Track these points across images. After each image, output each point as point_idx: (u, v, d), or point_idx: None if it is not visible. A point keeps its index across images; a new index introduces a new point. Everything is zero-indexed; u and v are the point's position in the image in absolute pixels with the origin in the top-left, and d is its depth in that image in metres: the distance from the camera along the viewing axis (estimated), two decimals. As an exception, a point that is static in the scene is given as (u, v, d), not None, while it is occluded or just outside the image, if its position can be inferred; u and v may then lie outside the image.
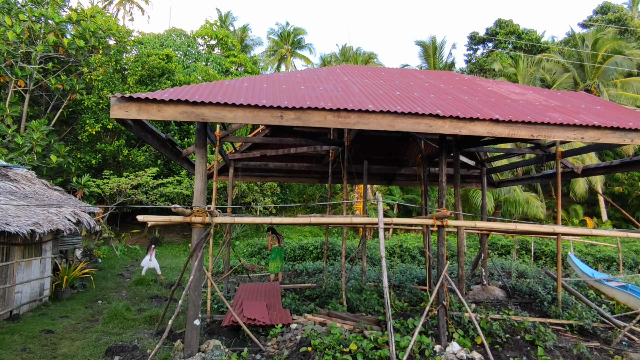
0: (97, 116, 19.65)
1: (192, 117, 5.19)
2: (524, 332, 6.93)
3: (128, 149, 20.41)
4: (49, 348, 6.12)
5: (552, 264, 19.00)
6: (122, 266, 15.33)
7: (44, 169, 18.76)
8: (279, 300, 8.55)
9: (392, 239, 22.24)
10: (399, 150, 12.24)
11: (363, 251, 11.74)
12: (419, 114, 5.42)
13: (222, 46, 36.27)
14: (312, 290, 10.30)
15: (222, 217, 5.96)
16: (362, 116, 5.37)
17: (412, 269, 14.90)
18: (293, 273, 14.55)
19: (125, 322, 7.40)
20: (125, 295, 10.26)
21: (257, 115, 5.25)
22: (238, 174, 12.29)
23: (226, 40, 35.20)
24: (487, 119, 5.50)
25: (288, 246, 17.90)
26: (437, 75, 9.38)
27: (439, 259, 6.44)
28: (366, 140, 11.67)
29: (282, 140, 9.28)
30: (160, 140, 7.25)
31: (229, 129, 9.08)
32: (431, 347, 6.04)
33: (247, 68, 33.41)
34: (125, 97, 5.12)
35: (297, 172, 12.68)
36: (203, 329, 7.28)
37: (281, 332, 6.68)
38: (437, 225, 6.27)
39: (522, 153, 9.94)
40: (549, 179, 10.68)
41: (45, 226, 7.99)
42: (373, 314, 7.97)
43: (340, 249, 17.25)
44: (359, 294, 9.18)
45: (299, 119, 5.31)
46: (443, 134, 6.22)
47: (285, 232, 25.92)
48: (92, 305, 9.14)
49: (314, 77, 7.49)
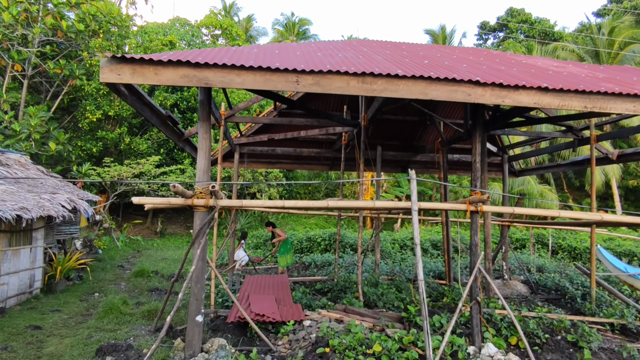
0: (97, 103, 18.96)
1: (194, 81, 4.47)
2: (564, 332, 6.20)
3: (130, 136, 19.76)
4: (34, 346, 5.46)
5: (570, 258, 18.24)
6: (122, 257, 14.72)
7: (43, 157, 18.12)
8: (288, 294, 7.87)
9: (402, 231, 21.51)
10: (414, 135, 11.49)
11: (376, 243, 11.01)
12: (457, 79, 4.68)
13: (227, 36, 35.64)
14: (323, 284, 9.61)
15: (227, 200, 5.26)
16: (390, 82, 4.63)
17: (425, 262, 14.18)
18: (301, 265, 13.87)
19: (122, 317, 6.74)
20: (124, 288, 9.62)
21: (269, 80, 4.52)
22: (244, 160, 11.58)
23: (231, 30, 34.50)
24: (534, 87, 4.75)
25: (294, 238, 17.23)
26: (463, 50, 8.61)
27: (471, 249, 5.71)
28: (380, 124, 10.93)
29: (292, 121, 8.55)
30: (160, 117, 6.54)
31: (235, 107, 8.36)
32: (464, 348, 5.33)
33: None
34: (117, 57, 4.41)
35: (306, 158, 11.96)
36: (207, 325, 6.61)
37: (293, 330, 6.00)
38: (471, 210, 5.54)
39: (553, 137, 9.16)
40: (578, 166, 9.90)
41: (35, 212, 7.32)
42: (393, 310, 7.27)
43: (349, 241, 16.56)
44: (375, 288, 8.48)
45: (317, 85, 4.57)
46: (481, 104, 5.46)
47: (291, 224, 25.26)
48: (88, 298, 8.49)
49: (330, 47, 6.74)
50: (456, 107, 10.62)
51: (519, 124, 8.04)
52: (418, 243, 4.54)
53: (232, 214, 10.62)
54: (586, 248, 18.35)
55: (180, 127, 7.77)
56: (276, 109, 9.93)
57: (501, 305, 7.90)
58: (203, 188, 5.17)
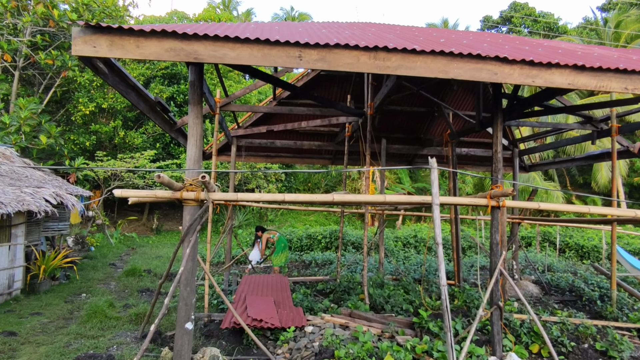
0: (90, 95, 18.33)
1: (181, 55, 3.89)
2: (591, 340, 5.65)
3: (125, 130, 19.14)
4: (5, 356, 4.89)
5: (578, 256, 17.71)
6: (115, 255, 14.14)
7: (34, 151, 17.51)
8: (288, 295, 7.31)
9: (403, 229, 20.96)
10: (421, 128, 10.91)
11: (381, 240, 10.46)
12: (481, 56, 4.10)
13: None
14: (325, 284, 9.06)
15: (221, 194, 4.69)
16: (406, 58, 4.06)
17: (430, 260, 13.64)
18: (301, 264, 13.32)
19: (106, 322, 6.17)
20: (114, 288, 9.06)
21: (268, 55, 3.94)
22: (241, 154, 11.00)
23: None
24: (569, 65, 4.18)
25: (294, 235, 16.66)
26: (478, 34, 8.04)
27: (492, 248, 5.15)
28: (385, 115, 10.36)
29: (292, 110, 7.97)
30: (149, 102, 5.96)
31: (232, 95, 7.77)
32: (485, 359, 4.78)
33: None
34: (92, 26, 3.84)
35: (306, 152, 11.39)
36: (199, 330, 6.06)
37: (294, 337, 5.44)
38: (492, 206, 4.98)
39: (571, 129, 8.59)
40: (595, 161, 9.32)
41: (12, 206, 6.74)
42: (402, 314, 6.72)
43: (351, 238, 16.00)
44: (381, 289, 7.93)
45: (323, 60, 3.99)
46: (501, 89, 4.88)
47: (290, 221, 24.71)
48: (74, 299, 7.93)
49: (335, 25, 6.15)
50: (467, 96, 10.05)
51: (537, 113, 7.49)
52: (440, 242, 3.98)
53: (228, 210, 10.06)
54: (594, 246, 17.83)
55: (172, 116, 7.20)
56: (275, 99, 9.34)
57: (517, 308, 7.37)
58: (193, 180, 4.59)
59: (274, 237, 10.42)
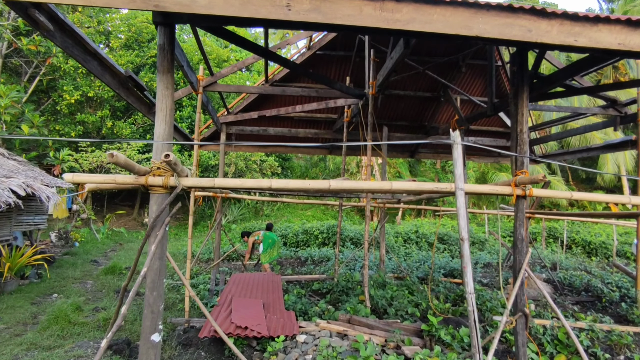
0: (76, 83, 17.44)
1: (138, 2, 3.09)
2: (628, 350, 4.91)
3: (113, 120, 18.27)
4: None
5: (585, 253, 16.99)
6: (100, 251, 13.34)
7: (17, 142, 16.69)
8: (280, 297, 6.55)
9: (404, 224, 20.22)
10: (425, 114, 10.13)
11: (382, 236, 9.71)
12: (513, 8, 3.32)
13: None
14: (321, 284, 8.30)
15: (194, 179, 3.90)
16: (420, 10, 3.27)
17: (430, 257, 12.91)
18: (296, 261, 12.55)
19: (69, 328, 5.38)
20: (90, 287, 8.27)
21: (248, 3, 3.14)
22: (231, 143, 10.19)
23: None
24: (620, 20, 3.40)
25: (290, 230, 15.88)
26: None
27: (516, 245, 4.39)
28: (387, 101, 9.57)
29: (285, 91, 7.15)
30: (117, 76, 5.14)
31: (217, 74, 6.97)
32: (510, 376, 4.03)
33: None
34: (21, -37, 3.02)
35: (302, 141, 10.59)
36: (177, 337, 5.29)
37: (284, 348, 4.67)
38: (517, 195, 4.21)
39: (592, 113, 7.82)
40: (615, 149, 8.53)
41: (-36, 196, 5.94)
42: (407, 319, 5.95)
43: (349, 234, 15.23)
44: (383, 290, 7.17)
45: (317, 11, 3.20)
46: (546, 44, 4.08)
47: (286, 216, 23.95)
48: (43, 300, 7.14)
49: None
50: (475, 80, 9.26)
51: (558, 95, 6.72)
52: (467, 237, 3.20)
53: (217, 202, 9.28)
54: (602, 242, 17.13)
55: (148, 94, 6.38)
56: (268, 82, 8.53)
57: (535, 311, 6.63)
58: (161, 162, 3.80)
59: (259, 237, 9.68)
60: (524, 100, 4.45)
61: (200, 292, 7.41)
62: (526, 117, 4.45)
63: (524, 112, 4.45)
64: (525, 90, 4.45)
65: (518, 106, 4.48)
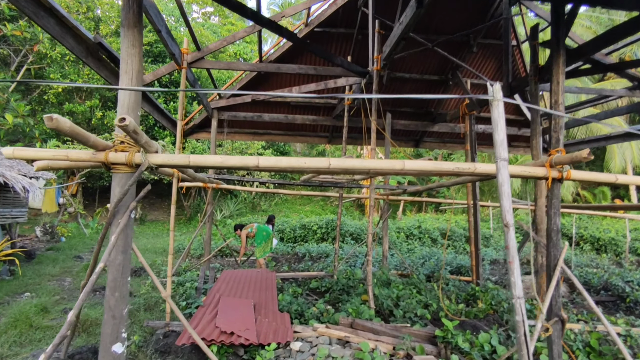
0: (64, 71, 16.69)
1: None
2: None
3: (103, 110, 17.53)
4: None
5: (594, 249, 16.34)
6: (86, 246, 12.64)
7: (1, 132, 15.94)
8: (274, 296, 5.88)
9: (405, 219, 19.54)
10: (432, 100, 9.43)
11: (385, 230, 9.04)
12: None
13: (220, 14, 33.80)
14: (319, 281, 7.63)
15: (165, 156, 3.20)
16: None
17: (437, 253, 12.25)
18: (294, 257, 11.87)
19: (29, 334, 4.70)
20: (68, 285, 7.60)
21: None
22: (223, 130, 9.50)
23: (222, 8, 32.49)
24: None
25: (287, 225, 15.21)
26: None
27: (550, 237, 3.71)
28: (391, 85, 8.87)
29: (281, 68, 6.45)
30: (84, 42, 4.43)
31: (205, 49, 6.26)
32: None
33: (245, 38, 31.15)
34: None
35: (299, 128, 9.90)
36: (154, 344, 4.61)
37: (276, 358, 3.99)
38: (552, 178, 3.53)
39: (620, 95, 7.13)
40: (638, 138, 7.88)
41: None
42: (416, 321, 5.28)
43: (349, 229, 14.56)
44: (388, 289, 6.50)
45: None
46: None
47: (284, 211, 23.28)
48: (12, 300, 6.43)
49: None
50: (487, 62, 8.57)
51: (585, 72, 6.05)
52: (511, 223, 2.50)
53: (209, 192, 8.60)
54: (611, 239, 16.48)
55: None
56: (262, 61, 7.82)
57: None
58: (126, 136, 3.12)
59: (252, 230, 8.99)
60: (560, 66, 3.76)
61: (187, 291, 6.73)
62: (562, 85, 3.76)
63: (560, 80, 3.76)
64: (562, 54, 3.76)
65: (553, 73, 3.79)
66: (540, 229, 5.77)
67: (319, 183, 7.58)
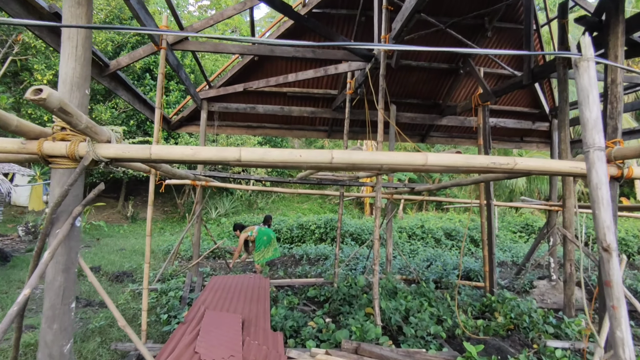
0: (49, 62, 15.88)
1: None
2: None
3: (91, 104, 16.72)
4: None
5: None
6: (70, 247, 11.87)
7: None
8: (266, 309, 5.16)
9: (407, 219, 18.83)
10: (441, 91, 8.69)
11: (389, 232, 8.35)
12: None
13: (216, 7, 33.31)
14: (318, 289, 6.91)
15: (118, 146, 2.48)
16: None
17: (442, 255, 11.55)
18: (290, 259, 11.15)
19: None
20: (40, 294, 6.85)
21: None
22: (213, 123, 8.76)
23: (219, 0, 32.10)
24: None
25: (284, 225, 14.48)
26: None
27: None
28: (396, 74, 8.14)
29: (274, 50, 5.71)
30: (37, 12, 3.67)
31: (189, 28, 5.52)
32: None
33: (242, 32, 30.66)
34: None
35: (296, 121, 9.16)
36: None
37: (265, 395, 3.27)
38: (610, 176, 2.80)
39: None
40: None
41: None
42: (429, 341, 4.56)
43: (349, 229, 13.84)
44: (394, 300, 5.79)
45: None
46: None
47: (281, 209, 22.57)
48: (-30, 311, 5.71)
49: None
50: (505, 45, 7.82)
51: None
52: (615, 246, 1.76)
53: (198, 190, 7.88)
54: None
55: (101, 54, 4.93)
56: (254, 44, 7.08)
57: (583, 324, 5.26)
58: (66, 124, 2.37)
59: (252, 233, 8.25)
60: (619, 37, 3.02)
61: (170, 301, 6.01)
62: (621, 59, 3.03)
63: (618, 54, 3.03)
64: (621, 22, 3.02)
65: (610, 46, 3.06)
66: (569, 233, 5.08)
67: (318, 181, 6.87)
